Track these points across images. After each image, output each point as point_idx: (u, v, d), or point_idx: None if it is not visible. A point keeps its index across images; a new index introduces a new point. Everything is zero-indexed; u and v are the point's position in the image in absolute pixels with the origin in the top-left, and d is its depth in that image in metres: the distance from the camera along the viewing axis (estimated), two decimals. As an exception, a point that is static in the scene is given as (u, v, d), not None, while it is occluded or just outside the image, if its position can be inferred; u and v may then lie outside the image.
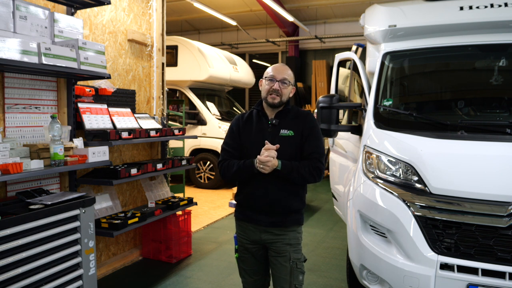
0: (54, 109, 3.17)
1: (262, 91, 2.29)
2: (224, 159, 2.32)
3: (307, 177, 2.18)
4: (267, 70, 2.30)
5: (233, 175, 2.24)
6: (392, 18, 3.33)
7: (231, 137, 2.34)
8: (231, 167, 2.24)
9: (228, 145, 2.33)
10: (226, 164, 2.28)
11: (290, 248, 2.25)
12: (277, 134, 2.24)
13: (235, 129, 2.33)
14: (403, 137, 2.77)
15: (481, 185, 2.37)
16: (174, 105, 8.31)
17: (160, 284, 3.64)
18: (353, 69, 4.00)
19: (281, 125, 2.26)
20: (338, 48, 12.23)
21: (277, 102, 2.22)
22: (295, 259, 2.24)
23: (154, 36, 4.27)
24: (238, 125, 2.34)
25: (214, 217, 5.99)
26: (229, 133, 2.36)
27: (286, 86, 2.23)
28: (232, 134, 2.34)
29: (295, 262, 2.23)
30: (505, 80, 3.17)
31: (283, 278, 2.24)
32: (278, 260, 2.25)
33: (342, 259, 4.22)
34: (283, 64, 2.33)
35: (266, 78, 2.27)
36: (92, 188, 3.55)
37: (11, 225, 2.22)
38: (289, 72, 2.27)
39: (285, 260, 2.24)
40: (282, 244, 2.25)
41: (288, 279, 2.23)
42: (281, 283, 2.25)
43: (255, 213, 2.27)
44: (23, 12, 2.64)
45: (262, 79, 2.32)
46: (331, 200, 5.31)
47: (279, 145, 2.15)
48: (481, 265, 2.26)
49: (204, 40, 12.09)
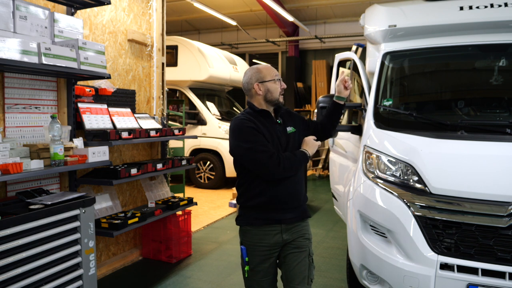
0: (54, 109, 3.17)
1: (273, 93, 2.22)
2: (273, 152, 2.07)
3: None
4: (265, 72, 2.24)
5: (295, 167, 2.15)
6: (392, 18, 3.33)
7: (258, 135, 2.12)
8: (292, 159, 2.12)
9: (262, 142, 2.10)
10: (283, 156, 2.09)
11: (309, 243, 2.31)
12: (285, 131, 2.28)
13: (256, 127, 2.13)
14: (403, 137, 2.77)
15: (481, 185, 2.37)
16: (174, 105, 8.31)
17: (160, 284, 3.64)
18: (353, 69, 4.00)
19: (285, 123, 2.31)
20: (338, 48, 12.22)
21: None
22: (312, 253, 2.32)
23: (154, 36, 4.27)
24: (255, 123, 2.16)
25: (214, 217, 5.99)
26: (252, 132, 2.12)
27: None
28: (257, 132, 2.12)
29: (311, 257, 2.30)
30: (505, 80, 3.17)
31: (302, 273, 2.23)
32: (298, 256, 2.24)
33: (342, 259, 4.22)
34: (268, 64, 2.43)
35: (274, 80, 2.24)
36: (92, 188, 3.55)
37: (11, 225, 2.22)
38: None
39: (305, 255, 2.26)
40: (303, 239, 2.28)
41: (307, 273, 2.25)
42: (299, 279, 2.22)
43: (281, 212, 2.20)
44: (23, 12, 2.64)
45: (258, 83, 2.22)
46: (331, 200, 5.31)
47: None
48: (481, 265, 2.26)
49: (204, 40, 12.09)
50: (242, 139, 2.12)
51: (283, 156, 2.10)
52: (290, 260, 2.24)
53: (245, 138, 2.11)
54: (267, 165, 2.06)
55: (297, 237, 2.26)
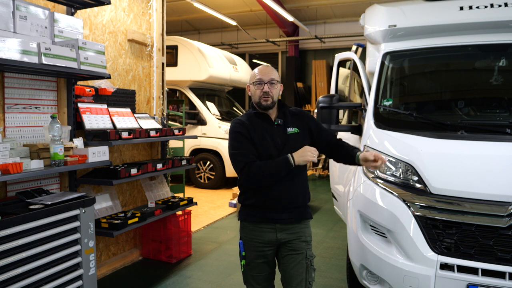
0: (54, 109, 3.17)
1: (253, 96, 2.26)
2: (247, 162, 2.12)
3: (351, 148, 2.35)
4: (252, 75, 2.28)
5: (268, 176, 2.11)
6: (392, 18, 3.33)
7: (244, 142, 2.19)
8: (264, 168, 2.11)
9: (247, 149, 2.17)
10: (255, 166, 2.11)
11: (306, 246, 2.28)
12: (285, 132, 2.26)
13: (245, 132, 2.20)
14: (403, 137, 2.77)
15: (481, 185, 2.37)
16: (174, 105, 8.31)
17: (160, 284, 3.64)
18: (353, 69, 4.00)
19: (286, 124, 2.29)
20: (338, 48, 12.22)
21: (270, 103, 2.23)
22: (310, 256, 2.28)
23: (154, 36, 4.27)
24: (246, 128, 2.22)
25: (214, 217, 5.99)
26: (238, 138, 2.20)
27: (274, 86, 2.24)
28: (246, 139, 2.19)
29: (309, 260, 2.26)
30: (505, 80, 3.17)
31: (299, 275, 2.24)
32: (294, 258, 2.24)
33: (342, 259, 4.22)
34: (267, 65, 2.35)
35: (254, 83, 2.24)
36: (92, 188, 3.55)
37: (11, 225, 2.22)
38: (275, 72, 2.28)
39: (302, 257, 2.25)
40: (300, 242, 2.26)
41: (304, 276, 2.24)
42: (297, 281, 2.23)
43: (276, 212, 2.22)
44: (23, 12, 2.64)
45: (248, 84, 2.29)
46: (331, 200, 5.31)
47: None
48: (481, 265, 2.26)
49: (204, 40, 12.08)
50: (230, 144, 2.25)
51: (255, 167, 2.11)
52: (287, 262, 2.26)
53: (232, 143, 2.24)
54: (239, 174, 2.19)
55: (293, 238, 2.25)
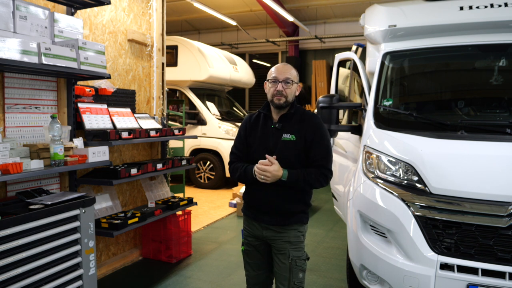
0: (54, 109, 3.17)
1: (268, 94, 2.27)
2: (231, 161, 2.40)
3: (314, 184, 2.19)
4: (269, 72, 2.28)
5: (237, 179, 2.33)
6: (392, 18, 3.33)
7: (239, 140, 2.40)
8: (236, 171, 2.33)
9: (236, 147, 2.40)
10: (232, 167, 2.37)
11: (289, 246, 2.26)
12: (279, 138, 2.24)
13: (243, 132, 2.39)
14: (403, 137, 2.77)
15: (481, 185, 2.37)
16: (174, 105, 8.31)
17: (160, 284, 3.64)
18: (353, 69, 4.00)
19: (284, 129, 2.25)
20: (338, 48, 12.22)
21: (283, 102, 2.21)
22: (295, 256, 2.25)
23: (154, 36, 4.27)
24: (245, 128, 2.39)
25: (214, 217, 5.99)
26: (237, 135, 2.43)
27: (289, 85, 2.21)
28: (239, 137, 2.40)
29: (294, 260, 2.24)
30: (505, 80, 3.17)
31: (282, 275, 2.27)
32: (278, 257, 2.29)
33: (342, 259, 4.22)
34: (285, 64, 2.29)
35: (269, 81, 2.25)
36: (92, 188, 3.55)
37: (11, 225, 2.22)
38: (292, 71, 2.24)
39: (284, 257, 2.26)
40: (282, 242, 2.27)
41: (288, 276, 2.25)
42: (281, 279, 2.28)
43: (258, 212, 2.33)
44: (23, 12, 2.64)
45: (266, 81, 2.30)
46: (331, 200, 5.31)
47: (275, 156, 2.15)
48: (481, 265, 2.26)
49: (204, 40, 12.08)
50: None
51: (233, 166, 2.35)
52: (275, 261, 2.34)
53: (235, 139, 2.46)
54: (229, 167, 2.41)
55: (276, 238, 2.29)
